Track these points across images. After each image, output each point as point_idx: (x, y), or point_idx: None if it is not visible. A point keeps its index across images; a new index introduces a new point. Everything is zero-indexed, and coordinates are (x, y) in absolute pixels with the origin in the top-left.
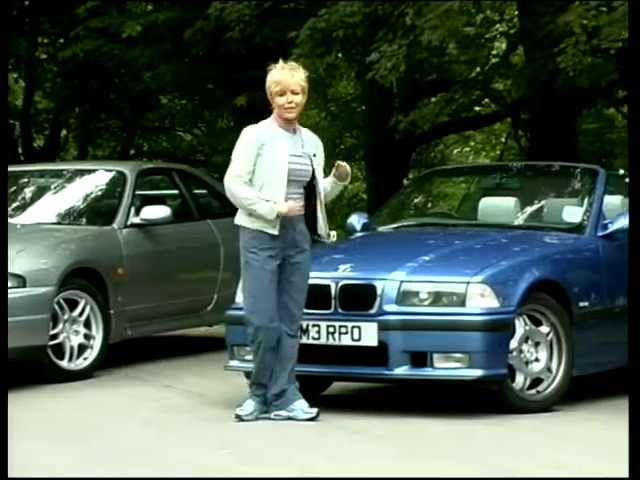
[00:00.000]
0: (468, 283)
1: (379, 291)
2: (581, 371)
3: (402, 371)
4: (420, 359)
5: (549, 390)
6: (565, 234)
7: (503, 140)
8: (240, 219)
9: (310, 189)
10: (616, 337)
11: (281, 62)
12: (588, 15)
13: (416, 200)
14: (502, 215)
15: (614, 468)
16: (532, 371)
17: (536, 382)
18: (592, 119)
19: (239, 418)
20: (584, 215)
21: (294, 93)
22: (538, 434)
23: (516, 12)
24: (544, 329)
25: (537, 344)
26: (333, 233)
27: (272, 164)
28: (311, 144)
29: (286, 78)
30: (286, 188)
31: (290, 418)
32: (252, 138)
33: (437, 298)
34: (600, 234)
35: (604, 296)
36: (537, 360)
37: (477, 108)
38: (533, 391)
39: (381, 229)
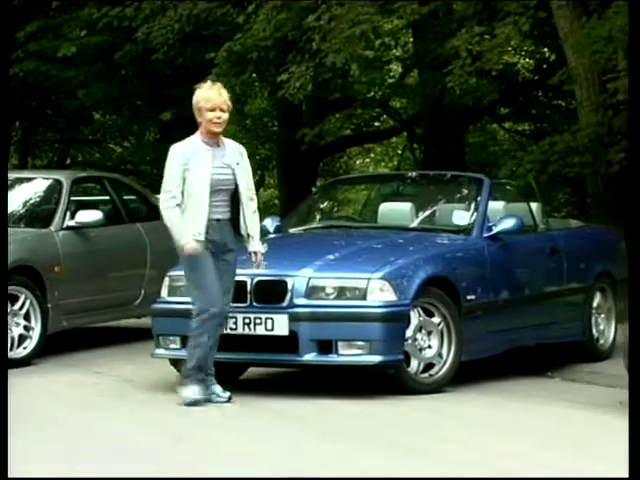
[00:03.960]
0: (369, 279)
1: (290, 286)
2: (469, 357)
3: (310, 357)
4: (326, 347)
5: (440, 374)
6: (454, 235)
7: (400, 152)
8: None
9: (234, 196)
10: (499, 326)
11: (209, 82)
12: (473, 41)
13: (323, 205)
14: (399, 218)
15: (496, 442)
16: (425, 357)
17: (429, 367)
18: (477, 133)
19: (192, 403)
20: (471, 218)
21: (222, 110)
22: (430, 413)
23: (410, 38)
24: (436, 320)
25: (430, 333)
26: (264, 246)
27: (197, 177)
28: (234, 154)
29: (215, 96)
30: (210, 197)
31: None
32: (177, 155)
33: (341, 292)
34: (485, 235)
35: (489, 290)
36: (429, 347)
37: (377, 123)
38: (426, 375)
39: (292, 231)
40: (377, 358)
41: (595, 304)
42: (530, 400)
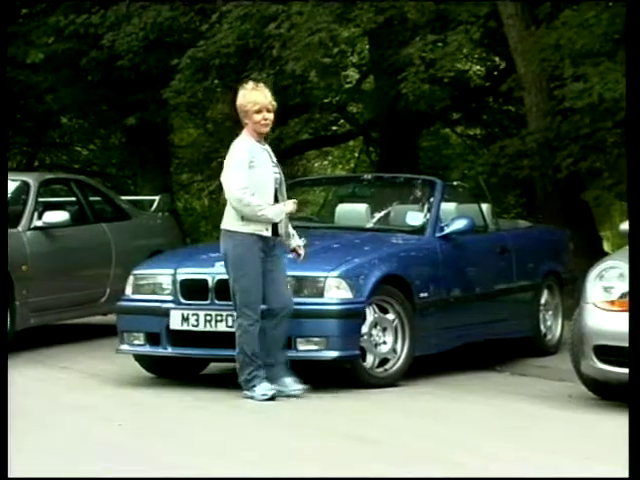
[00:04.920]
0: (326, 277)
1: None
2: (422, 352)
3: None
4: (285, 342)
5: (395, 368)
6: (408, 235)
7: (356, 155)
8: (232, 225)
9: (276, 194)
10: (451, 323)
11: (251, 83)
12: (426, 49)
13: None
14: (355, 219)
15: (447, 433)
16: (380, 352)
17: (383, 361)
18: (431, 137)
19: (271, 398)
20: (424, 219)
21: (268, 111)
22: (385, 406)
23: (366, 46)
24: (390, 316)
25: (384, 329)
26: (303, 240)
27: (261, 174)
28: (273, 155)
29: (261, 98)
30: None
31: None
32: (245, 152)
33: (300, 290)
34: (438, 235)
35: (441, 288)
36: (384, 343)
37: (334, 127)
38: (381, 369)
39: None
40: (334, 353)
41: (543, 301)
42: (480, 393)
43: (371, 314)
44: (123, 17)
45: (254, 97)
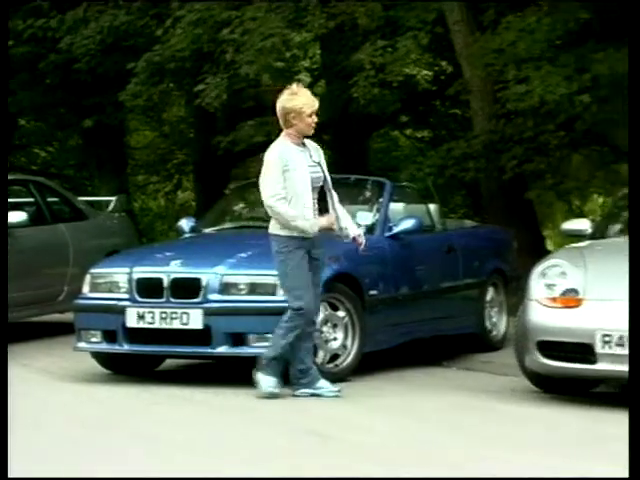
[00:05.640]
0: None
1: (204, 283)
2: (371, 348)
3: (223, 349)
4: (238, 339)
5: (345, 364)
6: None
7: None
8: (273, 228)
9: (322, 192)
10: (400, 319)
11: (295, 86)
12: (376, 54)
13: (235, 207)
14: None
15: (394, 427)
16: (331, 348)
17: (334, 357)
18: (380, 140)
19: (269, 396)
20: (374, 219)
21: (317, 115)
22: (334, 400)
23: (318, 50)
24: (341, 313)
25: (335, 326)
26: (349, 232)
27: (297, 178)
28: (316, 153)
29: (315, 102)
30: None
31: (315, 395)
32: (277, 158)
33: (252, 288)
34: (387, 235)
35: (390, 286)
36: (335, 339)
37: None
38: (332, 365)
39: (206, 231)
40: None
41: (488, 298)
42: (428, 388)
43: (322, 311)
44: (80, 21)
45: (310, 100)
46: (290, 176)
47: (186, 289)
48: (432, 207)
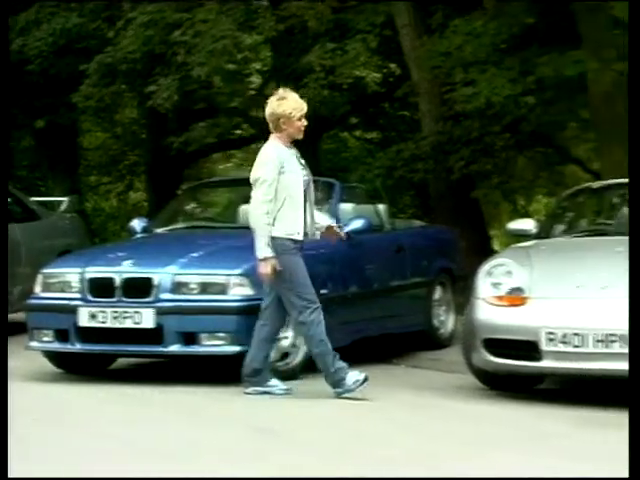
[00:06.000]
0: (229, 275)
1: (156, 282)
2: None
3: (175, 348)
4: (190, 338)
5: (295, 362)
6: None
7: None
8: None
9: (304, 196)
10: (349, 318)
11: (282, 91)
12: (325, 56)
13: (187, 207)
14: None
15: (344, 423)
16: (281, 346)
17: (285, 355)
18: (330, 141)
19: (364, 381)
20: (324, 219)
21: (305, 118)
22: (285, 398)
23: (269, 53)
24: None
25: (285, 325)
26: (318, 233)
27: (293, 179)
28: (301, 158)
29: (305, 106)
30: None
31: (266, 393)
32: (275, 160)
33: (204, 288)
34: None
35: (339, 285)
36: (286, 338)
37: (238, 131)
38: (282, 363)
39: (158, 231)
40: (237, 348)
41: (436, 297)
42: (377, 385)
43: None
44: (33, 23)
45: (300, 104)
46: (285, 178)
47: (138, 289)
48: (381, 207)
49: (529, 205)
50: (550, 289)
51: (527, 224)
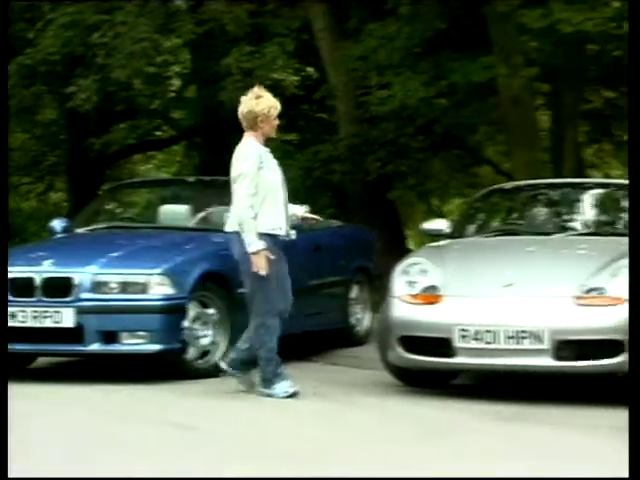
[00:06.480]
0: (150, 275)
1: (76, 282)
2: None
3: (96, 347)
4: (110, 337)
5: (215, 360)
6: (228, 234)
7: (179, 159)
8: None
9: None
10: None
11: (257, 89)
12: (244, 59)
13: (108, 207)
14: (178, 219)
15: (261, 419)
16: (201, 345)
17: (205, 353)
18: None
19: (292, 395)
20: None
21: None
22: (204, 395)
23: (188, 56)
24: (211, 311)
25: (205, 323)
26: (293, 232)
27: (272, 175)
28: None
29: (277, 103)
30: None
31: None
32: (255, 155)
33: (124, 287)
34: None
35: None
36: (205, 336)
37: (158, 133)
38: (202, 361)
39: (78, 231)
40: (157, 347)
41: (353, 296)
42: (296, 382)
43: (193, 309)
44: None
45: (276, 102)
46: (265, 174)
47: (58, 288)
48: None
49: (444, 205)
50: (462, 287)
51: (441, 224)
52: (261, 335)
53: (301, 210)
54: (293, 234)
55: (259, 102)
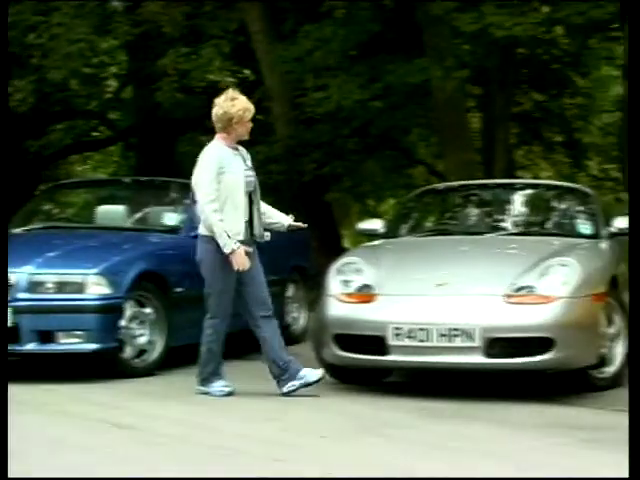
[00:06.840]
0: (86, 274)
1: (12, 282)
2: (177, 343)
3: (32, 346)
4: (47, 336)
5: (152, 358)
6: (165, 234)
7: (116, 159)
8: (205, 230)
9: (250, 197)
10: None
11: (231, 92)
12: (180, 60)
13: (45, 207)
14: (115, 219)
15: (198, 417)
16: (138, 344)
17: (142, 352)
18: (188, 144)
19: (229, 394)
20: (179, 219)
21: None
22: (140, 394)
23: (125, 57)
24: (148, 310)
25: (142, 322)
26: (267, 234)
27: (233, 179)
28: (248, 158)
29: (251, 105)
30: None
31: (305, 384)
32: (214, 159)
33: (61, 287)
34: (192, 234)
35: (195, 283)
36: (142, 335)
37: (95, 133)
38: (139, 360)
39: (15, 231)
40: (93, 346)
41: (289, 294)
42: (231, 380)
43: (130, 308)
44: None
45: (249, 104)
46: (224, 179)
47: None
48: None
49: (379, 205)
50: (396, 286)
51: (376, 224)
52: (207, 335)
53: (288, 220)
54: (267, 236)
55: (235, 104)
